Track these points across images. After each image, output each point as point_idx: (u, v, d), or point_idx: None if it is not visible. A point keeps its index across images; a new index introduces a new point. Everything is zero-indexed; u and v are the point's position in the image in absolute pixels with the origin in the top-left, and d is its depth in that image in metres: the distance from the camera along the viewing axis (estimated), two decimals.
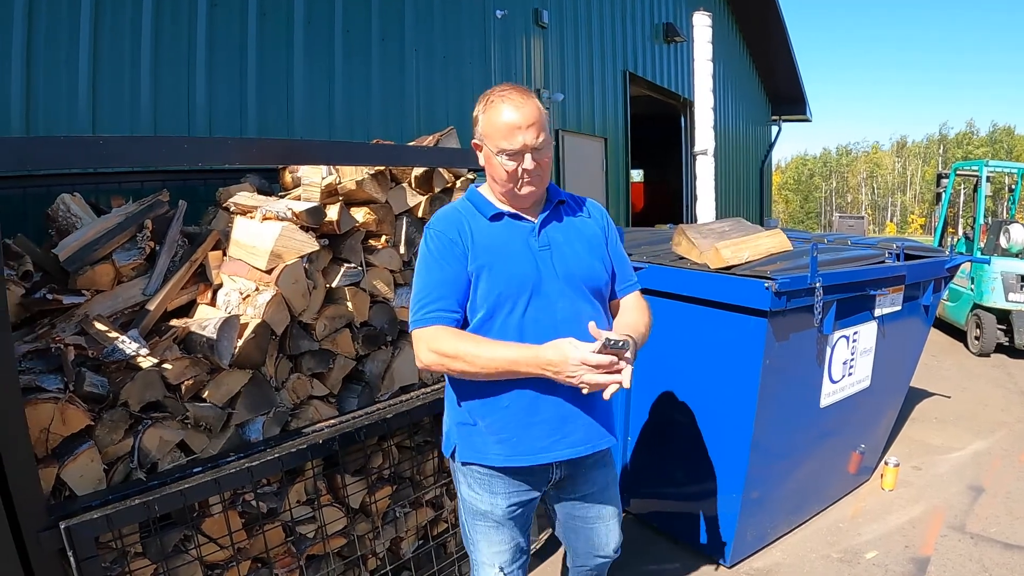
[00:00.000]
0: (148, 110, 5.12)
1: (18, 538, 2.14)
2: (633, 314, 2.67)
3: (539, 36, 10.31)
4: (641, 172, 23.43)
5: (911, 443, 6.38)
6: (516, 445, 2.48)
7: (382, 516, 3.36)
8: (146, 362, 2.64)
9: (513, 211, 2.54)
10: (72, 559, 2.15)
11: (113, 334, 2.69)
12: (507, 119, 2.38)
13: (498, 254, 2.46)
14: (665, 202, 19.34)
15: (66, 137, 2.28)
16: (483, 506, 2.57)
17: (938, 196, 12.65)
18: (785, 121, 23.37)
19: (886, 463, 5.43)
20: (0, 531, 2.10)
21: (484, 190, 2.61)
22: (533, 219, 2.54)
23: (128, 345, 2.63)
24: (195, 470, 2.56)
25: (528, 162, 2.41)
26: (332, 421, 3.09)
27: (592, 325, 2.29)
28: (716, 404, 4.04)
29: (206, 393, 2.79)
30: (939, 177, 12.92)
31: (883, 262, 4.66)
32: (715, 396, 4.02)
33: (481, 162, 2.54)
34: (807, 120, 23.64)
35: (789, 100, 22.51)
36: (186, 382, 2.73)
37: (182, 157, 2.53)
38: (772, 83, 21.84)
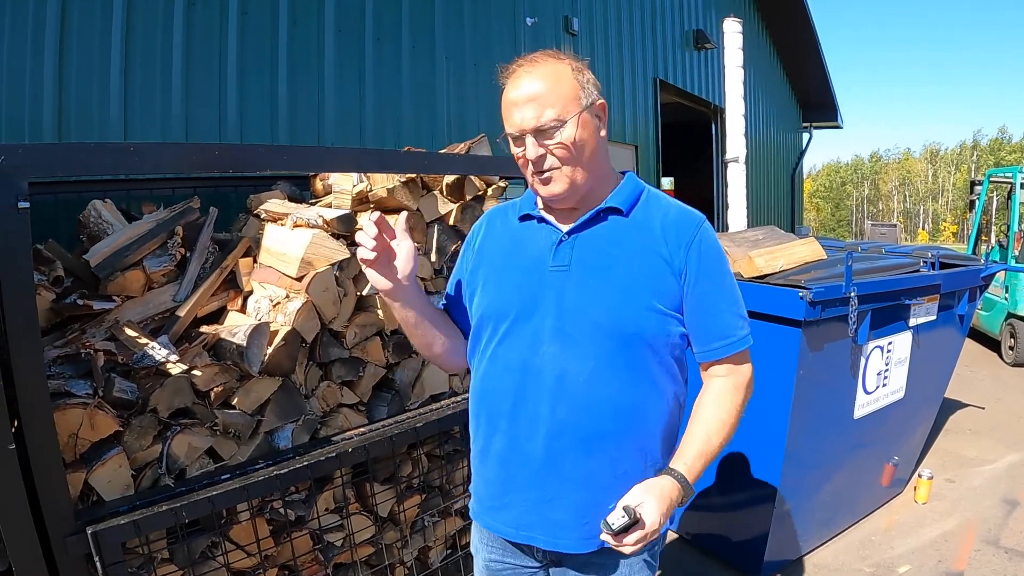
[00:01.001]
0: (179, 118, 5.16)
1: (45, 542, 2.14)
2: (708, 411, 2.00)
3: (569, 44, 10.29)
4: (672, 180, 23.34)
5: (945, 455, 6.31)
6: (475, 492, 2.15)
7: (411, 525, 3.35)
8: (176, 368, 2.63)
9: (541, 214, 2.02)
10: (99, 564, 2.14)
11: (143, 340, 2.69)
12: (508, 96, 1.88)
13: (501, 264, 2.04)
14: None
15: (98, 144, 2.29)
16: (471, 547, 2.26)
17: (971, 204, 12.51)
18: (816, 128, 23.24)
19: (919, 475, 5.38)
20: (27, 535, 2.10)
21: None
22: (564, 227, 1.96)
23: (158, 351, 2.63)
24: (223, 477, 2.56)
25: (531, 150, 1.83)
26: (362, 429, 3.08)
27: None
28: (749, 414, 3.99)
29: (235, 400, 2.79)
30: (972, 184, 12.77)
31: (918, 271, 4.61)
32: (748, 406, 3.98)
33: None
34: (838, 127, 23.47)
35: (820, 107, 22.37)
36: (215, 389, 2.72)
37: (213, 164, 2.52)
38: (803, 89, 21.73)
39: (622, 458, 1.89)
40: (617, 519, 1.70)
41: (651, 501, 1.76)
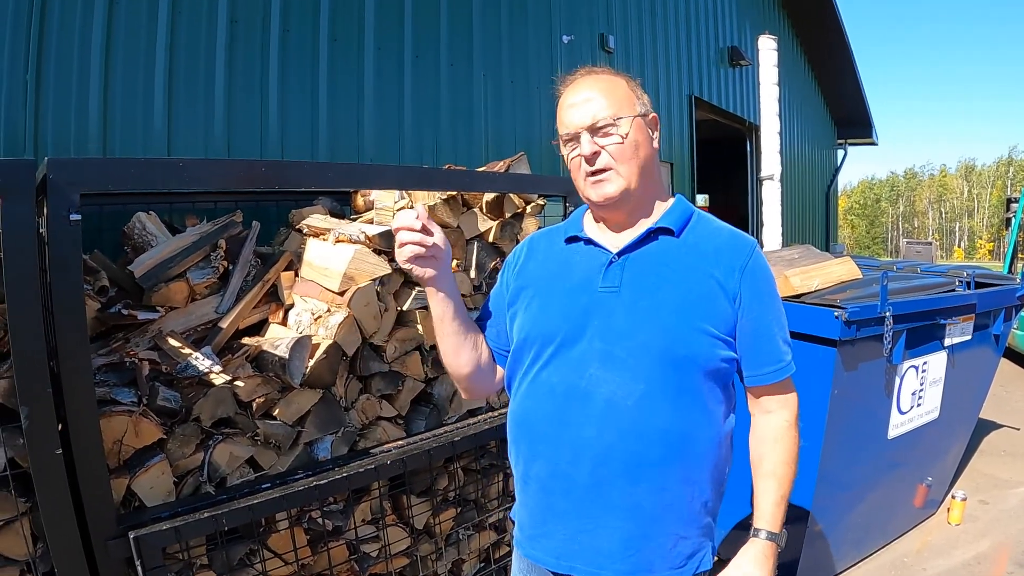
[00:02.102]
0: (221, 132, 5.21)
1: (87, 545, 2.19)
2: (772, 457, 1.94)
3: (605, 61, 10.28)
4: (706, 197, 23.26)
5: (979, 476, 6.22)
6: (517, 520, 2.05)
7: (445, 538, 3.37)
8: (218, 379, 2.68)
9: (588, 235, 1.97)
10: (139, 568, 2.19)
11: (186, 350, 2.74)
12: (565, 101, 1.93)
13: (546, 286, 1.97)
14: None
15: (148, 159, 2.35)
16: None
17: (1007, 221, 12.34)
18: (851, 144, 23.01)
19: (953, 497, 5.32)
20: (71, 538, 2.15)
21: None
22: (614, 248, 1.91)
23: (201, 362, 2.68)
24: (263, 486, 2.60)
25: (585, 146, 1.83)
26: (400, 442, 3.12)
27: None
28: None
29: (276, 411, 2.83)
30: (1008, 202, 12.63)
31: (953, 290, 4.59)
32: None
33: None
34: (873, 144, 23.25)
35: (855, 123, 22.07)
36: (257, 399, 2.76)
37: (260, 180, 2.57)
38: (837, 106, 21.49)
39: (668, 487, 1.80)
40: None
41: (752, 569, 1.91)
